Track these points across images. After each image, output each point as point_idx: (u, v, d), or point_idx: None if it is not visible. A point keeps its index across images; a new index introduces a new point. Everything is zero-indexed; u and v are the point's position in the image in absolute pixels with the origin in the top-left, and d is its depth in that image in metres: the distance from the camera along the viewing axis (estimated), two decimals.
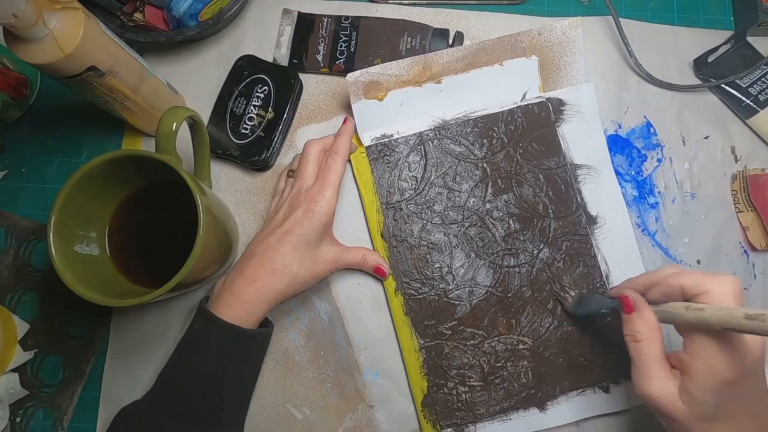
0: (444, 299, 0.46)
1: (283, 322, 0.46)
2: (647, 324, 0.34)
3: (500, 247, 0.46)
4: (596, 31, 0.51)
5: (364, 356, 0.46)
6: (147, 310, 0.47)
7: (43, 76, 0.51)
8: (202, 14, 0.48)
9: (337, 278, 0.47)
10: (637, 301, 0.35)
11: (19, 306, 0.47)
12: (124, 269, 0.42)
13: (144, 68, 0.43)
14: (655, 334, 0.34)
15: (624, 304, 0.36)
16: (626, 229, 0.47)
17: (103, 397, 0.45)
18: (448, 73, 0.48)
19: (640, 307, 0.35)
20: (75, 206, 0.38)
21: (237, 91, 0.49)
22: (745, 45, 0.50)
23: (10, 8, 0.31)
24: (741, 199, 0.49)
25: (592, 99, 0.48)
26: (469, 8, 0.52)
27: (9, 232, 0.48)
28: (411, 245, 0.46)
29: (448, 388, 0.45)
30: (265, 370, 0.45)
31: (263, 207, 0.49)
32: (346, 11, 0.51)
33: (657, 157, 0.50)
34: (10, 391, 0.44)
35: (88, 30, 0.35)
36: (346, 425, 0.45)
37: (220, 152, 0.48)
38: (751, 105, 0.50)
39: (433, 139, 0.48)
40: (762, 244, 0.48)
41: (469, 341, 0.45)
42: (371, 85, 0.47)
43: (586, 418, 0.45)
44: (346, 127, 0.46)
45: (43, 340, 0.46)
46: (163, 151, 0.38)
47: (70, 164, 0.50)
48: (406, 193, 0.47)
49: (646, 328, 0.34)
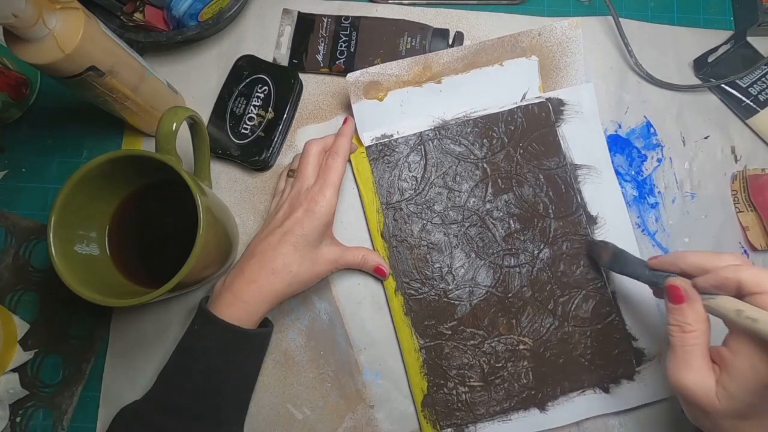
0: (444, 299, 0.46)
1: (283, 322, 0.46)
2: (698, 316, 0.32)
3: (500, 248, 0.46)
4: (596, 31, 0.51)
5: (364, 356, 0.46)
6: (147, 310, 0.47)
7: (43, 76, 0.51)
8: (202, 14, 0.48)
9: (337, 278, 0.47)
10: (689, 292, 0.33)
11: (19, 306, 0.47)
12: (124, 269, 0.42)
13: (144, 68, 0.43)
14: (704, 326, 0.32)
15: (673, 294, 0.33)
16: (626, 229, 0.47)
17: (103, 397, 0.45)
18: (448, 73, 0.48)
19: (693, 298, 0.33)
20: (75, 206, 0.38)
21: (237, 91, 0.49)
22: (745, 45, 0.50)
23: (10, 8, 0.31)
24: (741, 199, 0.49)
25: (592, 99, 0.48)
26: (469, 8, 0.52)
27: (9, 232, 0.48)
28: (411, 245, 0.46)
29: (448, 388, 0.45)
30: (265, 370, 0.45)
31: (263, 207, 0.49)
32: (346, 11, 0.51)
33: (657, 157, 0.50)
34: (10, 391, 0.44)
35: (88, 30, 0.35)
36: (346, 425, 0.45)
37: (220, 152, 0.48)
38: (751, 105, 0.50)
39: (433, 139, 0.48)
40: (762, 244, 0.48)
41: (469, 341, 0.45)
42: (371, 85, 0.47)
43: (586, 419, 0.45)
44: (347, 128, 0.46)
45: (43, 340, 0.46)
46: (163, 151, 0.38)
47: (70, 164, 0.50)
48: (406, 193, 0.47)
49: (697, 320, 0.32)
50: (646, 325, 0.46)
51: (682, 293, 0.33)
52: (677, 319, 0.33)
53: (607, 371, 0.45)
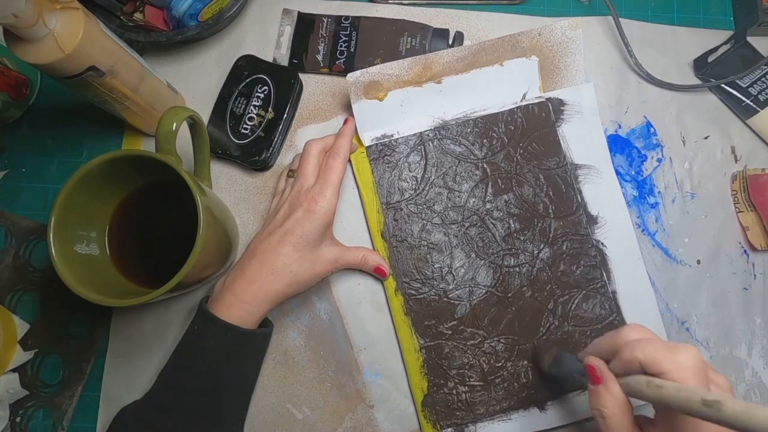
0: (444, 299, 0.46)
1: (283, 322, 0.46)
2: (614, 399, 0.31)
3: (500, 247, 0.46)
4: (596, 31, 0.51)
5: (364, 356, 0.46)
6: (147, 310, 0.47)
7: (43, 76, 0.51)
8: (202, 14, 0.48)
9: (337, 278, 0.47)
10: (604, 373, 0.32)
11: (19, 306, 0.47)
12: (124, 269, 0.42)
13: (144, 68, 0.43)
14: (624, 410, 0.31)
15: (591, 375, 0.32)
16: (627, 229, 0.47)
17: (103, 397, 0.45)
18: (448, 73, 0.48)
19: (607, 379, 0.32)
20: (75, 206, 0.38)
21: (237, 91, 0.49)
22: (745, 45, 0.50)
23: (10, 8, 0.31)
24: (741, 199, 0.49)
25: (592, 99, 0.48)
26: (469, 8, 0.52)
27: (9, 232, 0.48)
28: (411, 245, 0.46)
29: (449, 388, 0.45)
30: (265, 370, 0.45)
31: (263, 207, 0.49)
32: (346, 11, 0.51)
33: (657, 157, 0.50)
34: (10, 391, 0.44)
35: (88, 30, 0.35)
36: (346, 425, 0.45)
37: (220, 152, 0.48)
38: (751, 105, 0.50)
39: (434, 139, 0.48)
40: (762, 244, 0.48)
41: (469, 341, 0.45)
42: (371, 85, 0.47)
43: (586, 418, 0.45)
44: (347, 128, 0.46)
45: (43, 340, 0.46)
46: (163, 151, 0.38)
47: (70, 164, 0.50)
48: (406, 193, 0.47)
49: (613, 403, 0.31)
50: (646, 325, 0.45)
51: (598, 374, 0.32)
52: (596, 402, 0.32)
53: None
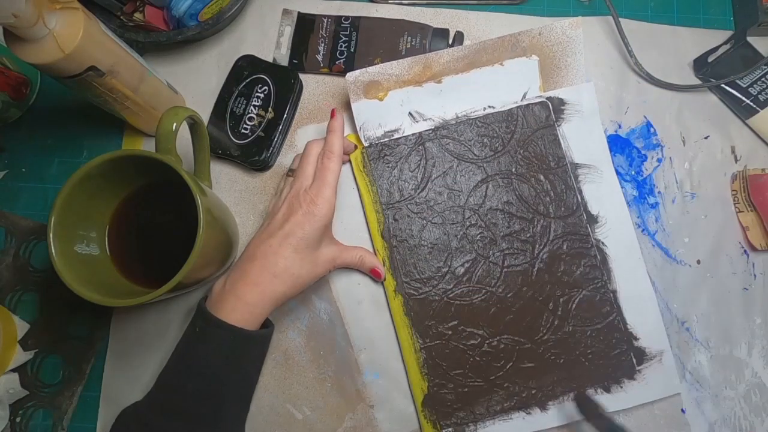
0: (444, 299, 0.46)
1: (283, 322, 0.46)
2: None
3: (500, 247, 0.46)
4: (596, 31, 0.51)
5: (364, 356, 0.46)
6: (147, 310, 0.47)
7: (43, 76, 0.51)
8: (202, 14, 0.48)
9: (337, 278, 0.47)
10: None
11: (19, 306, 0.47)
12: (124, 269, 0.42)
13: (144, 68, 0.43)
14: None
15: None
16: (627, 229, 0.47)
17: (103, 397, 0.45)
18: (448, 72, 0.48)
19: None
20: (75, 206, 0.38)
21: (237, 91, 0.49)
22: (745, 45, 0.50)
23: (10, 8, 0.31)
24: (741, 199, 0.49)
25: (592, 98, 0.48)
26: (469, 8, 0.52)
27: (9, 232, 0.48)
28: (411, 245, 0.46)
29: (449, 388, 0.45)
30: (265, 370, 0.45)
31: (263, 207, 0.48)
32: (346, 11, 0.51)
33: (657, 157, 0.50)
34: (10, 391, 0.44)
35: (88, 30, 0.35)
36: (346, 425, 0.45)
37: (220, 152, 0.48)
38: (751, 105, 0.50)
39: (434, 139, 0.48)
40: (762, 244, 0.48)
41: (469, 341, 0.45)
42: (371, 84, 0.47)
43: (586, 419, 0.45)
44: (336, 123, 0.44)
45: (43, 340, 0.46)
46: (163, 151, 0.38)
47: (70, 164, 0.50)
48: (406, 193, 0.47)
49: None
50: (646, 325, 0.46)
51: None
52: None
53: (607, 371, 0.45)
